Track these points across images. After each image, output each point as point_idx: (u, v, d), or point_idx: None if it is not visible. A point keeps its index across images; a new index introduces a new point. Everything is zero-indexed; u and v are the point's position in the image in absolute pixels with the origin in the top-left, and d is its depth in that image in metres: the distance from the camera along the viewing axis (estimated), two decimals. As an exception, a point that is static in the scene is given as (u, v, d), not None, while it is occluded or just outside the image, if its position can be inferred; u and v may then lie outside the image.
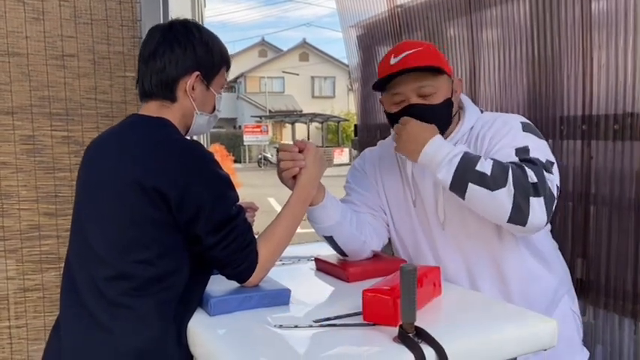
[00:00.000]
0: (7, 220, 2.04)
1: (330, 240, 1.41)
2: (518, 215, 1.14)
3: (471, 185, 1.15)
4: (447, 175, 1.19)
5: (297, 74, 31.75)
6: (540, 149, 1.25)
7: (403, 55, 1.32)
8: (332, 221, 1.36)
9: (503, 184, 1.13)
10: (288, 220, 1.24)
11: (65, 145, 2.10)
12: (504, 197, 1.12)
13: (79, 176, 1.26)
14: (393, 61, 1.33)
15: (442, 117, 1.34)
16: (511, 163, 1.19)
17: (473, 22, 1.96)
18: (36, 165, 2.07)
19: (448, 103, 1.33)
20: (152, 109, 1.21)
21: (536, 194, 1.13)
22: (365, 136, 2.80)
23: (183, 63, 1.18)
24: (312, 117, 26.11)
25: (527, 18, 1.73)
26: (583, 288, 1.60)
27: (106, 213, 1.12)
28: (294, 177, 1.28)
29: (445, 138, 1.35)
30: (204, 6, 15.91)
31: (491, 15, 1.88)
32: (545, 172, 1.18)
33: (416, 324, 0.93)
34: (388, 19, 2.49)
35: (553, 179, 1.20)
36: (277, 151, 1.33)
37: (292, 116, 27.80)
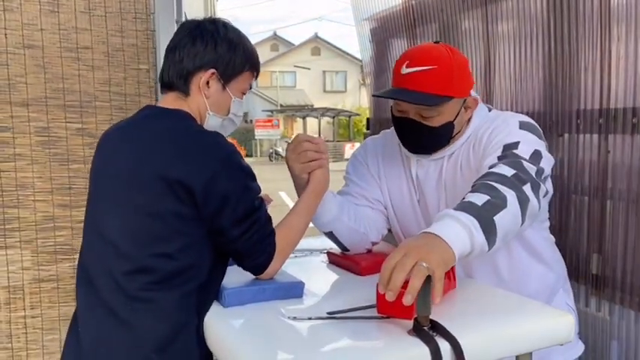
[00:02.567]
0: (22, 211, 2.06)
1: (330, 235, 1.41)
2: (524, 206, 1.08)
3: (494, 219, 1.02)
4: (479, 237, 0.99)
5: (309, 69, 31.71)
6: (530, 143, 1.21)
7: (415, 69, 1.24)
8: (331, 216, 1.36)
9: (506, 195, 1.06)
10: (304, 213, 1.25)
11: (79, 137, 2.12)
12: (513, 204, 1.06)
13: (92, 169, 1.24)
14: (404, 70, 1.27)
15: (437, 138, 1.32)
16: (487, 172, 1.13)
17: (488, 14, 1.93)
18: (50, 157, 2.09)
19: (447, 127, 1.29)
20: (169, 100, 1.21)
21: (522, 182, 1.10)
22: (377, 129, 2.78)
23: (201, 57, 1.17)
24: (324, 111, 26.09)
25: (543, 10, 1.70)
26: (598, 283, 1.58)
27: (125, 207, 1.11)
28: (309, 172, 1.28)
29: (451, 140, 1.34)
30: None
31: (507, 7, 1.85)
32: (523, 162, 1.15)
33: (431, 317, 0.93)
34: (402, 12, 2.47)
35: (534, 169, 1.15)
36: (292, 141, 1.30)
37: (303, 111, 27.80)
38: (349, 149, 21.56)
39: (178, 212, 1.07)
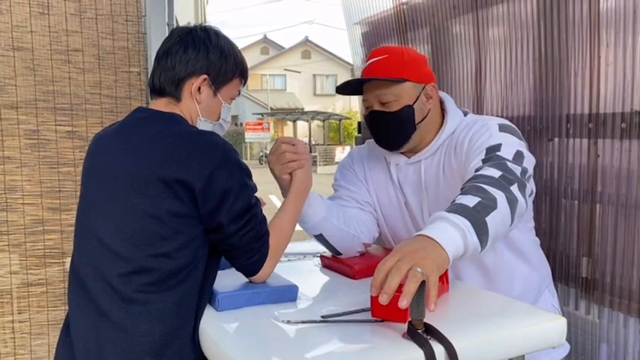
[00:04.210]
0: (11, 214, 2.04)
1: (321, 238, 1.42)
2: (513, 206, 1.11)
3: (486, 220, 1.03)
4: (472, 238, 1.00)
5: (299, 72, 31.75)
6: (512, 145, 1.25)
7: (371, 61, 1.38)
8: (318, 217, 1.38)
9: (496, 197, 1.08)
10: (291, 214, 1.26)
11: (69, 139, 2.10)
12: (503, 205, 1.09)
13: (84, 173, 1.23)
14: (364, 66, 1.39)
15: (400, 123, 1.36)
16: (474, 174, 1.16)
17: (479, 19, 1.95)
18: (40, 160, 2.07)
19: (407, 110, 1.35)
20: (160, 105, 1.21)
21: (509, 183, 1.13)
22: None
23: (193, 64, 1.18)
24: (314, 115, 26.10)
25: (533, 15, 1.72)
26: (588, 287, 1.60)
27: (121, 209, 1.10)
28: (290, 173, 1.31)
29: (428, 143, 1.40)
30: (207, 2, 15.91)
31: (498, 12, 1.87)
32: (508, 163, 1.18)
33: (425, 320, 0.93)
34: (393, 16, 2.48)
35: (518, 169, 1.18)
36: (273, 146, 1.35)
37: (294, 114, 27.78)
38: (340, 152, 21.60)
39: (176, 212, 1.08)
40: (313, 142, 25.54)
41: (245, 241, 1.13)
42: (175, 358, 1.09)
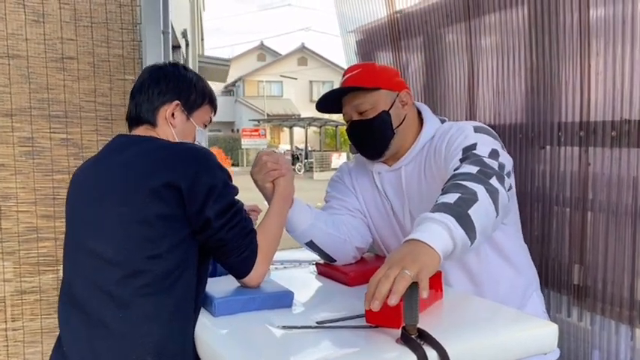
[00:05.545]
0: (4, 222, 2.04)
1: (312, 245, 1.44)
2: (494, 197, 1.12)
3: (469, 213, 1.04)
4: (458, 231, 1.01)
5: (296, 78, 31.83)
6: (487, 144, 1.28)
7: (345, 77, 1.46)
8: (305, 224, 1.41)
9: (475, 190, 1.10)
10: (278, 217, 1.31)
11: (64, 147, 2.11)
12: (484, 197, 1.10)
13: (70, 198, 1.28)
14: (340, 82, 1.46)
15: (379, 129, 1.42)
16: (453, 174, 1.18)
17: (471, 28, 1.97)
18: (34, 167, 2.07)
19: (384, 116, 1.41)
20: (139, 131, 1.29)
21: (488, 177, 1.15)
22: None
23: (165, 93, 1.28)
24: (310, 121, 26.13)
25: (525, 24, 1.73)
26: (580, 294, 1.61)
27: (113, 217, 1.14)
28: (272, 181, 1.35)
29: (407, 150, 1.45)
30: (204, 10, 15.96)
31: (490, 21, 1.88)
32: (484, 159, 1.21)
33: (418, 326, 0.94)
34: (387, 25, 2.50)
35: (495, 163, 1.21)
36: (257, 155, 1.40)
37: (290, 120, 27.82)
38: (336, 159, 21.62)
39: (163, 214, 1.11)
40: (310, 149, 25.55)
41: (233, 235, 1.17)
42: (177, 357, 1.11)
